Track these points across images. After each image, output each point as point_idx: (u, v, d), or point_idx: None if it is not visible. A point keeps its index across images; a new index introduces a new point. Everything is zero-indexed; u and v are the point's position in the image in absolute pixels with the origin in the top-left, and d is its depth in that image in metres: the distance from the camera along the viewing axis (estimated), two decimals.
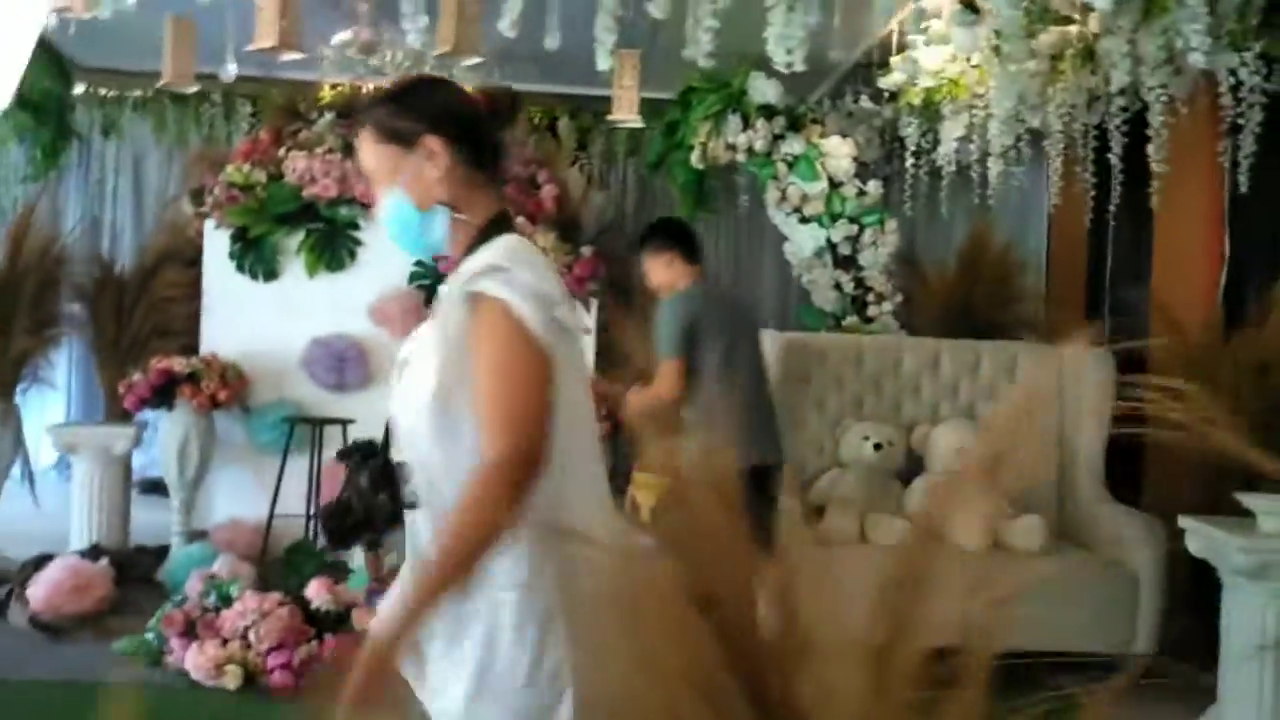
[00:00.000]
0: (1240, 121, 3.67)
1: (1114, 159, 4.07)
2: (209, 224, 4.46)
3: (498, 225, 1.40)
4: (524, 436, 1.23)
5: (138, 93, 5.70)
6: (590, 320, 4.63)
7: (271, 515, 4.04)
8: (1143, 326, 4.74)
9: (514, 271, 1.28)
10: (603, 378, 4.39)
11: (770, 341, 3.87)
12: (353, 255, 4.52)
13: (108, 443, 4.21)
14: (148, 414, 4.38)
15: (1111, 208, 4.37)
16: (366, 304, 4.44)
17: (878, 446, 3.75)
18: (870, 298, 4.96)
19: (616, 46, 2.85)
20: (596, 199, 6.18)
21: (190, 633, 3.03)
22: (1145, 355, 4.48)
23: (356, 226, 4.52)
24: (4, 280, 4.16)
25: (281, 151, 4.47)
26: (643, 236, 3.34)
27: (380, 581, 3.74)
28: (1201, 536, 2.96)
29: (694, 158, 4.87)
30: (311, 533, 4.07)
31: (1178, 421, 3.18)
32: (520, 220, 4.52)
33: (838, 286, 4.97)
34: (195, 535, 4.23)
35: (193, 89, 4.51)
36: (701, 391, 2.92)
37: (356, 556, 3.83)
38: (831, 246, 4.91)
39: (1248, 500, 2.89)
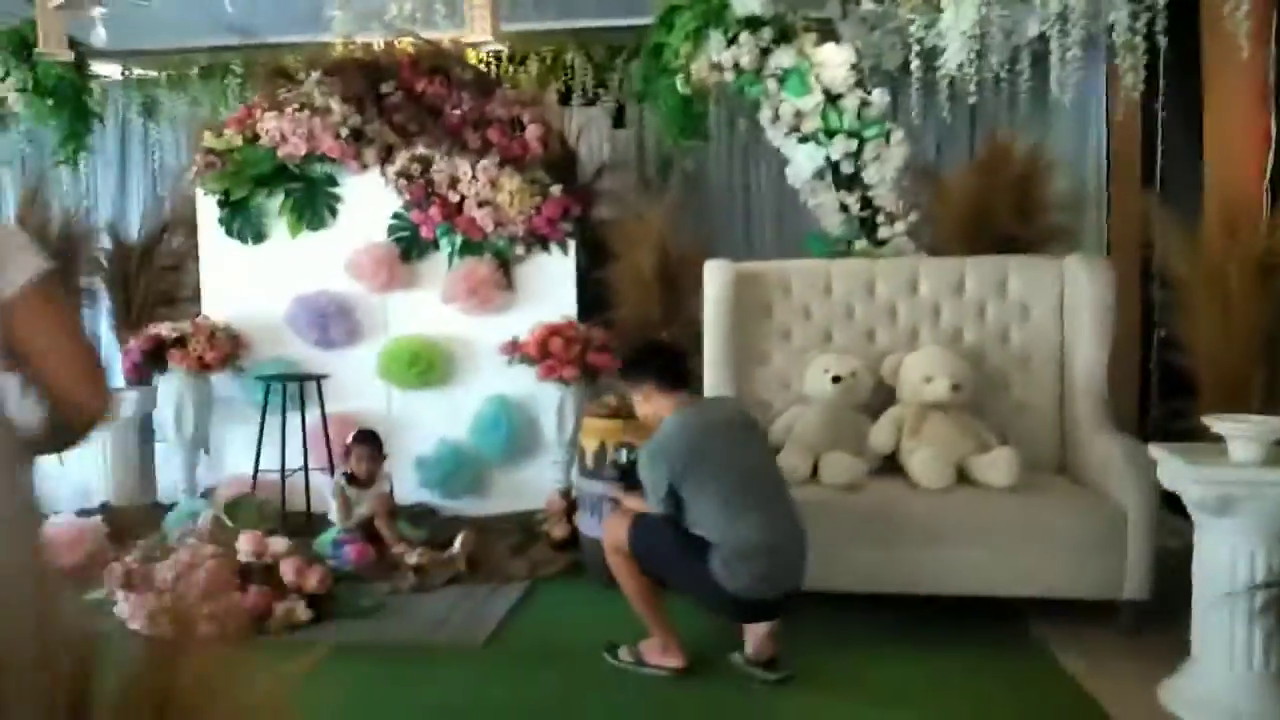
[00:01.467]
0: None
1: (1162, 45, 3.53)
2: (199, 191, 4.59)
3: None
4: None
5: (168, 72, 5.96)
6: (569, 262, 4.48)
7: (256, 471, 4.17)
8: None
9: None
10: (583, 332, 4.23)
11: (722, 274, 3.62)
12: (333, 212, 4.55)
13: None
14: None
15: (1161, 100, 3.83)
16: (350, 260, 4.47)
17: (836, 379, 3.44)
18: (880, 218, 4.55)
19: None
20: (619, 137, 6.00)
21: (131, 584, 3.16)
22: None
23: (334, 183, 4.54)
24: None
25: (258, 114, 4.53)
26: (620, 371, 3.07)
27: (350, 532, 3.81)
28: (1169, 468, 2.54)
29: (679, 81, 4.58)
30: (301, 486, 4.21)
31: (1183, 339, 2.73)
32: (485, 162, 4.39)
33: (844, 208, 4.58)
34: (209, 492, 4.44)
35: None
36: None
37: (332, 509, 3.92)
38: (833, 165, 4.52)
39: (1216, 424, 2.46)
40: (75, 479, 4.57)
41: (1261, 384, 2.92)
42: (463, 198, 4.38)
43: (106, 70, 5.93)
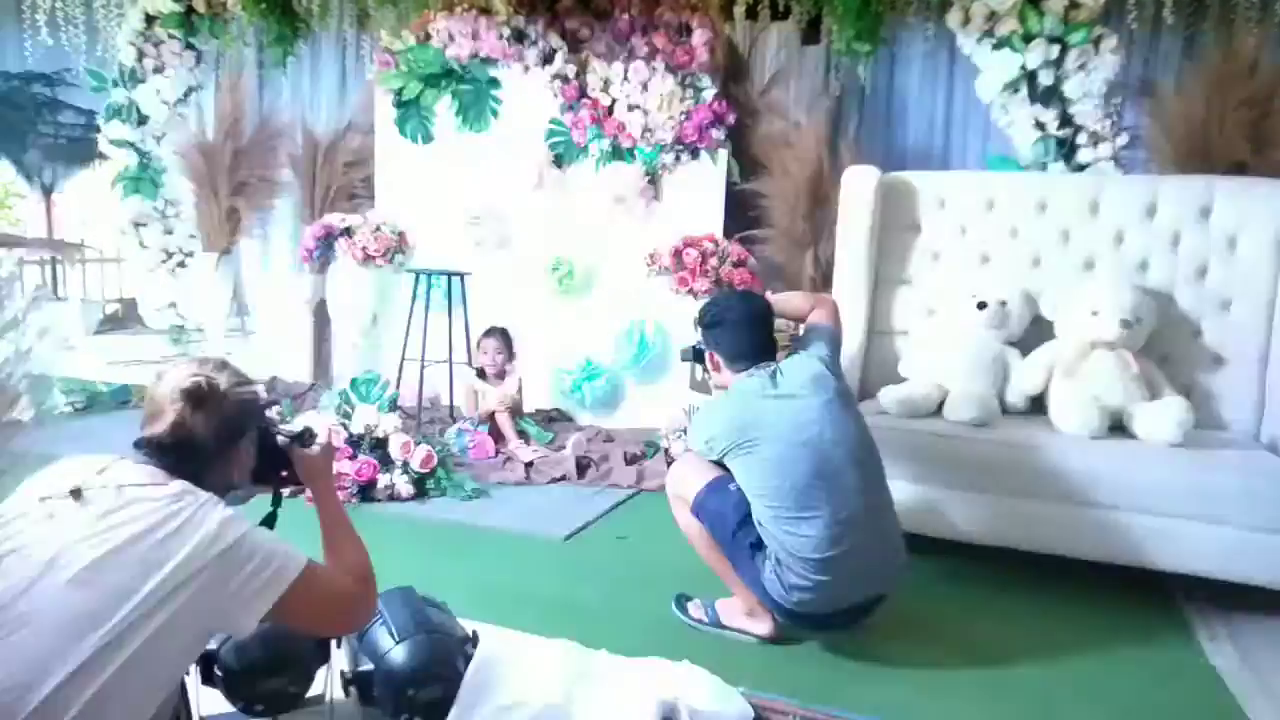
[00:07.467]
0: None
1: None
2: (377, 92, 4.77)
3: None
4: None
5: None
6: (719, 173, 4.26)
7: (403, 359, 4.33)
8: None
9: None
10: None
11: (864, 182, 3.28)
12: (495, 115, 4.58)
13: (292, 290, 4.78)
14: None
15: None
16: (504, 164, 4.49)
17: (982, 305, 3.03)
18: (1082, 139, 3.97)
19: None
20: (808, 53, 5.62)
21: None
22: None
23: (497, 85, 4.55)
24: (219, 149, 4.84)
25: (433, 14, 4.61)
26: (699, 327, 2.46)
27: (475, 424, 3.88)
28: None
29: None
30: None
31: None
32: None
33: (1040, 127, 4.03)
34: None
35: None
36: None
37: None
38: (1029, 76, 3.97)
39: None
40: (259, 351, 4.97)
41: None
42: (614, 100, 4.26)
43: None
